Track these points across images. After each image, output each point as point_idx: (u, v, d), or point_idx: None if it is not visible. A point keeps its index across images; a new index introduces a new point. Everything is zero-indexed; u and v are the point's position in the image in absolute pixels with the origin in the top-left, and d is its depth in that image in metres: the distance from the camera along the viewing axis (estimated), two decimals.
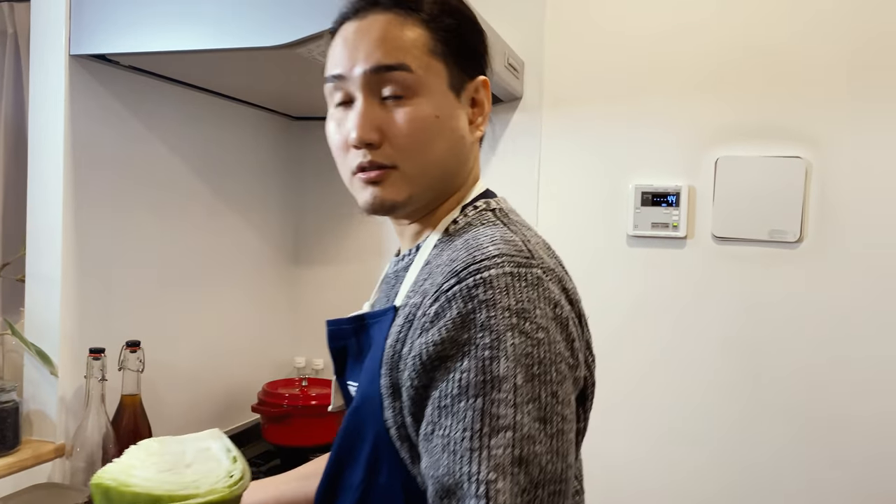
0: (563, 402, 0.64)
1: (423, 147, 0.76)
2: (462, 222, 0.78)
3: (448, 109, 0.77)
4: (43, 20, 1.31)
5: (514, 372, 0.62)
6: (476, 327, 0.64)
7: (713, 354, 1.76)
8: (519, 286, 0.66)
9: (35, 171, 1.34)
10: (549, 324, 0.66)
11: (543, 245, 0.77)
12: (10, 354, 1.40)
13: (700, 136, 1.76)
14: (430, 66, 0.75)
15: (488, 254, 0.67)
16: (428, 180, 0.78)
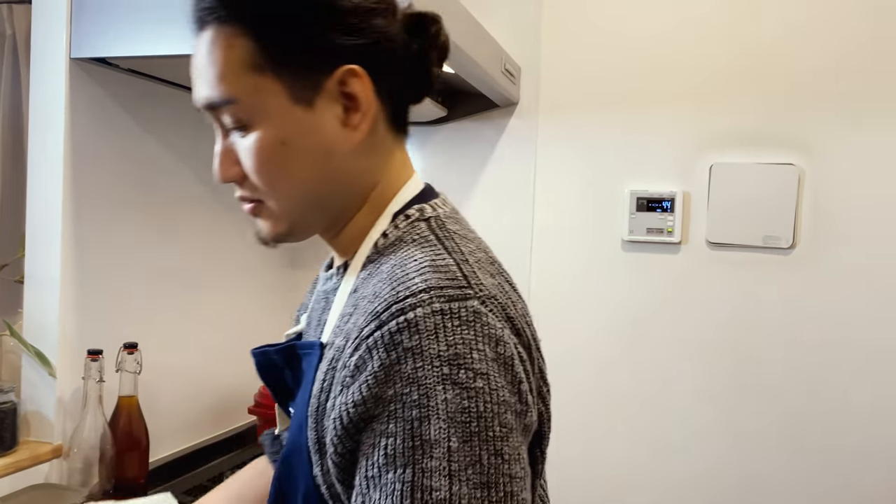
0: (511, 460, 0.55)
1: (276, 180, 0.67)
2: (392, 236, 0.68)
3: (296, 128, 0.65)
4: (44, 24, 1.32)
5: (447, 434, 0.53)
6: (402, 381, 0.55)
7: (706, 359, 1.77)
8: (451, 326, 0.56)
9: (35, 174, 1.34)
10: (490, 367, 0.56)
11: (486, 260, 0.68)
12: (7, 355, 1.41)
13: (695, 142, 1.77)
14: (261, 87, 0.64)
15: (413, 288, 0.58)
16: (303, 208, 0.69)
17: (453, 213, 0.72)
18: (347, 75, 0.65)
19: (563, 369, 1.88)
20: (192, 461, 1.58)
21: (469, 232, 0.71)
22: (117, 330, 1.43)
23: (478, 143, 1.95)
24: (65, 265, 1.33)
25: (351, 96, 0.66)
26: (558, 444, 1.88)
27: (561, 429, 1.87)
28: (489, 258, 0.69)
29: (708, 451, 1.77)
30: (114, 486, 1.33)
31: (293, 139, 0.66)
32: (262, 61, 0.64)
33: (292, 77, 0.64)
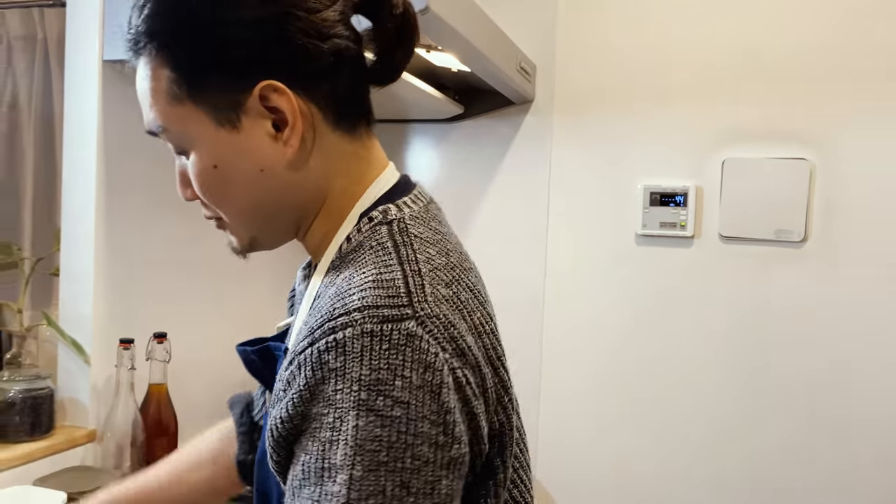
0: (418, 493, 0.53)
1: (219, 202, 0.69)
2: (354, 241, 0.65)
3: (226, 151, 0.65)
4: (78, 28, 1.39)
5: (352, 461, 0.52)
6: (323, 402, 0.54)
7: (719, 351, 1.80)
8: (378, 350, 0.54)
9: (69, 172, 1.41)
10: (412, 396, 0.54)
11: (445, 267, 0.64)
12: (44, 345, 1.47)
13: (708, 137, 1.80)
14: (184, 116, 0.65)
15: (348, 306, 0.56)
16: (255, 222, 0.70)
17: (421, 213, 0.69)
18: (268, 91, 0.63)
19: (576, 361, 1.92)
20: None
21: (435, 233, 0.68)
22: (147, 320, 1.49)
23: (494, 140, 1.99)
24: (98, 259, 1.39)
25: (276, 110, 0.64)
26: (569, 433, 1.92)
27: (573, 418, 1.92)
28: (450, 263, 0.65)
29: (719, 443, 1.81)
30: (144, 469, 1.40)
31: (224, 162, 0.66)
32: (179, 91, 0.64)
33: (211, 102, 0.64)
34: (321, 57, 0.65)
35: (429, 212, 0.71)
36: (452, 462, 0.56)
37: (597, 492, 1.92)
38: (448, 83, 1.86)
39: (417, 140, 2.08)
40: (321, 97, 0.66)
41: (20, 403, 1.30)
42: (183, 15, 0.64)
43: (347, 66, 0.67)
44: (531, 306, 1.95)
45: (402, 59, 0.70)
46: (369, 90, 0.72)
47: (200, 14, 0.64)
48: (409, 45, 0.70)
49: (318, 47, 0.64)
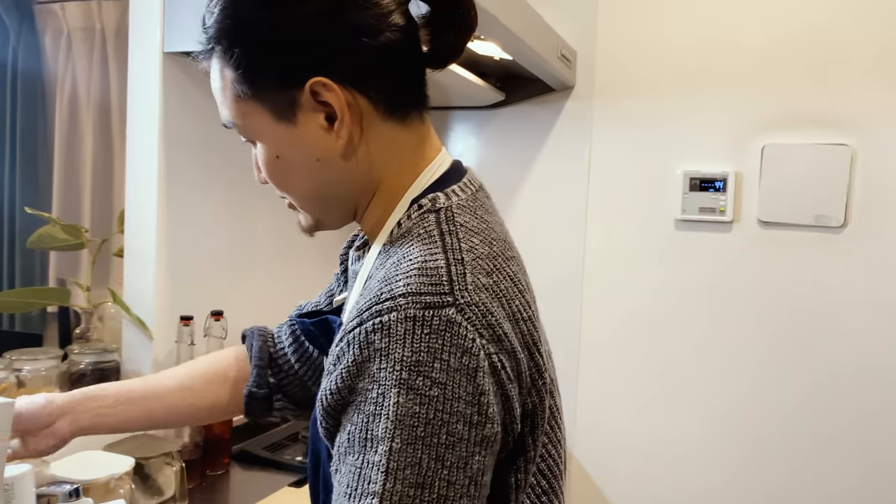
0: (451, 467, 0.58)
1: (285, 188, 0.75)
2: (404, 227, 0.69)
3: (285, 143, 0.71)
4: (140, 21, 1.46)
5: (392, 434, 0.57)
6: (368, 378, 0.60)
7: (757, 335, 1.83)
8: (419, 334, 0.59)
9: (133, 160, 1.49)
10: (451, 378, 0.59)
11: (488, 256, 0.68)
12: (109, 321, 1.57)
13: (747, 123, 1.82)
14: (248, 112, 0.71)
15: (394, 292, 0.61)
16: (318, 206, 0.75)
17: (469, 201, 0.72)
18: (316, 87, 0.67)
19: (614, 344, 1.96)
20: (271, 421, 1.73)
21: (481, 222, 0.71)
22: (205, 299, 1.57)
23: (534, 126, 2.03)
24: (159, 241, 1.47)
25: (328, 105, 0.68)
26: (607, 415, 1.96)
27: (610, 400, 1.96)
28: (492, 253, 0.68)
29: (756, 427, 1.83)
30: (203, 438, 1.48)
31: (285, 153, 0.71)
32: (242, 90, 0.69)
33: (269, 99, 0.69)
34: (370, 53, 0.68)
35: (477, 200, 0.73)
36: (485, 440, 0.60)
37: (634, 472, 1.96)
38: (489, 71, 1.90)
39: (459, 127, 2.13)
40: (371, 89, 0.70)
41: (90, 375, 1.39)
42: (241, 20, 0.69)
43: (398, 57, 0.70)
44: (570, 290, 2.00)
45: (457, 42, 0.72)
46: (424, 75, 0.74)
47: (256, 19, 0.68)
48: (465, 28, 0.72)
49: (367, 44, 0.67)
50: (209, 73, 0.75)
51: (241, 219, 1.70)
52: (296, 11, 0.67)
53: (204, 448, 1.49)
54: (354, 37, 0.67)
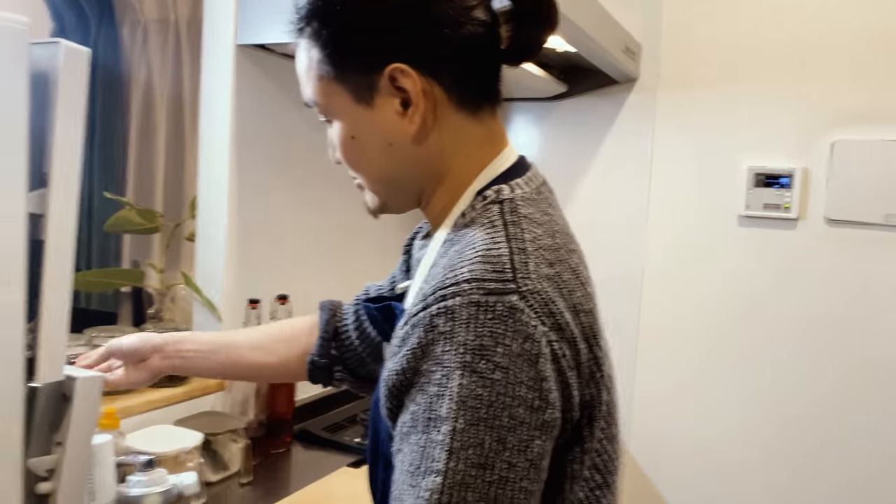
0: (513, 449, 0.59)
1: (357, 167, 0.77)
2: (468, 217, 0.71)
3: (362, 124, 0.73)
4: (214, 14, 1.51)
5: (456, 414, 0.59)
6: (432, 360, 0.61)
7: (822, 335, 1.79)
8: (483, 318, 0.60)
9: (205, 150, 1.55)
10: (512, 362, 0.60)
11: (550, 247, 0.69)
12: (180, 302, 1.64)
13: (816, 118, 1.78)
14: (330, 93, 0.74)
15: (458, 277, 0.62)
16: (386, 188, 0.78)
17: (532, 194, 0.73)
18: (396, 72, 0.69)
19: (672, 339, 1.95)
20: (331, 402, 1.78)
21: (544, 214, 0.72)
22: (271, 283, 1.62)
23: (596, 118, 2.02)
24: (230, 227, 1.53)
25: (404, 90, 0.70)
26: (664, 411, 1.95)
27: (668, 397, 1.95)
28: (555, 245, 0.69)
29: (819, 427, 1.80)
30: (267, 418, 1.54)
31: (360, 134, 0.73)
32: (327, 71, 0.72)
33: (351, 81, 0.72)
34: (450, 44, 0.70)
35: (540, 193, 0.75)
36: (545, 425, 0.61)
37: (689, 469, 1.95)
38: (552, 62, 1.90)
39: (519, 118, 2.14)
40: (446, 79, 0.71)
41: None
42: (332, 3, 0.72)
43: (477, 50, 0.72)
44: (630, 285, 1.99)
45: (538, 39, 0.73)
46: (500, 71, 0.75)
47: (346, 2, 0.71)
48: (546, 25, 0.73)
49: (448, 35, 0.70)
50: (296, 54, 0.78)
51: (307, 208, 1.75)
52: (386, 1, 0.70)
53: (267, 427, 1.54)
54: (437, 27, 0.69)
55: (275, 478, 1.42)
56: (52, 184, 0.55)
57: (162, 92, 2.46)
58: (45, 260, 0.55)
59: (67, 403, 0.58)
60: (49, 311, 0.56)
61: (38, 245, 0.55)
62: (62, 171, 0.56)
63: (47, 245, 0.55)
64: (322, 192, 1.79)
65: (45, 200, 0.55)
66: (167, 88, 2.45)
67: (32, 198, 0.55)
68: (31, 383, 0.56)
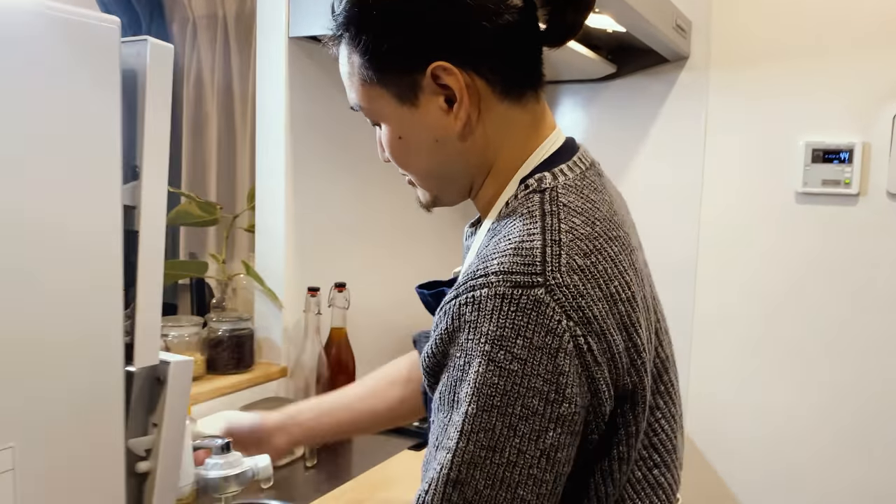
0: (524, 437, 0.62)
1: (406, 166, 0.79)
2: (511, 206, 0.73)
3: (408, 124, 0.75)
4: (267, 7, 1.54)
5: (470, 399, 0.63)
6: (457, 345, 0.65)
7: (884, 313, 1.75)
8: (506, 310, 0.63)
9: (262, 143, 1.57)
10: (532, 355, 0.62)
11: (588, 237, 0.69)
12: (242, 291, 1.68)
13: (875, 91, 1.73)
14: (374, 96, 0.75)
15: (488, 269, 0.65)
16: (436, 184, 0.80)
17: (576, 180, 0.74)
18: (437, 70, 0.71)
19: (729, 320, 1.93)
20: None
21: (586, 201, 0.72)
22: (328, 271, 1.65)
23: (647, 98, 2.00)
24: (288, 217, 1.56)
25: (448, 87, 0.72)
26: (720, 391, 1.93)
27: (724, 377, 1.93)
28: (593, 233, 0.69)
29: (879, 409, 1.76)
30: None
31: (407, 133, 0.75)
32: (369, 75, 0.74)
33: (394, 84, 0.73)
34: (488, 36, 0.71)
35: (585, 178, 0.75)
36: (561, 418, 0.63)
37: (746, 450, 1.93)
38: (601, 43, 1.88)
39: (568, 100, 2.12)
40: (488, 71, 0.73)
41: (227, 341, 1.50)
42: (368, 8, 0.73)
43: (516, 38, 0.73)
44: (685, 265, 1.97)
45: (576, 20, 0.75)
46: (541, 54, 0.77)
47: (382, 7, 0.72)
48: (584, 4, 0.74)
49: (486, 28, 0.71)
50: (338, 59, 0.79)
51: (363, 197, 1.77)
52: (421, 3, 0.71)
53: None
54: (474, 21, 0.71)
55: (337, 462, 1.45)
56: (143, 177, 0.57)
57: (212, 86, 2.51)
58: (139, 250, 0.58)
59: (162, 386, 0.61)
60: (144, 298, 0.58)
61: (132, 236, 0.58)
62: (152, 163, 0.58)
63: (141, 235, 0.58)
64: (377, 181, 1.81)
65: (138, 193, 0.57)
66: (217, 82, 2.50)
67: (126, 190, 0.57)
68: (129, 367, 0.59)
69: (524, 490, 0.63)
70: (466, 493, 0.62)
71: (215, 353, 1.51)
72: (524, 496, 0.63)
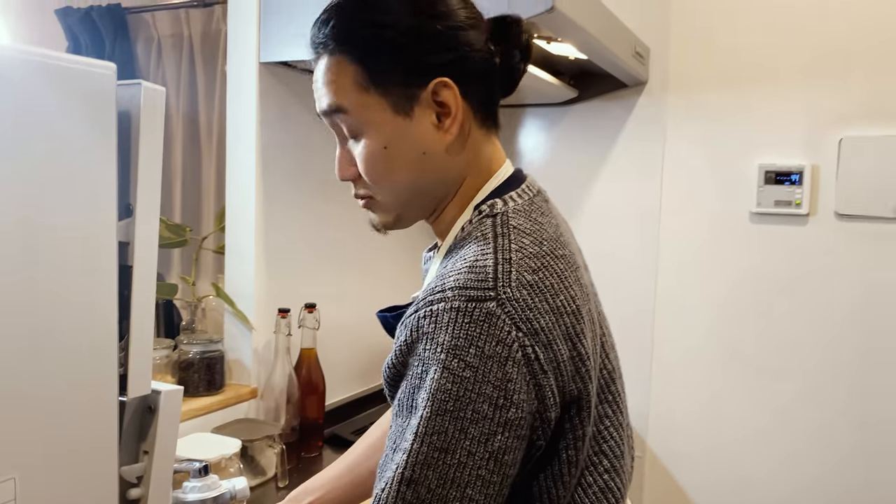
0: (473, 440, 0.67)
1: (382, 179, 0.81)
2: (466, 230, 0.78)
3: (398, 134, 0.78)
4: (238, 33, 1.56)
5: (426, 404, 0.67)
6: (415, 355, 0.70)
7: (834, 329, 1.83)
8: (461, 322, 0.68)
9: (232, 164, 1.59)
10: (483, 363, 0.67)
11: (536, 255, 0.75)
12: (211, 313, 1.69)
13: (823, 116, 1.82)
14: (367, 104, 0.78)
15: (445, 286, 0.70)
16: (404, 201, 0.83)
17: (525, 205, 0.80)
18: (439, 87, 0.77)
19: (687, 337, 1.99)
20: (360, 405, 1.83)
21: (534, 224, 0.78)
22: (298, 292, 1.67)
23: (607, 122, 2.07)
24: (258, 239, 1.58)
25: (443, 104, 0.78)
26: (680, 407, 2.00)
27: (684, 395, 1.99)
28: (541, 252, 0.75)
29: (830, 420, 1.84)
30: (299, 423, 1.59)
31: (394, 143, 0.79)
32: (367, 83, 0.77)
33: (393, 93, 0.77)
34: (477, 64, 0.79)
35: (533, 204, 0.81)
36: (508, 422, 0.68)
37: (706, 462, 1.99)
38: (563, 69, 1.94)
39: (532, 124, 2.18)
40: (474, 97, 0.80)
41: (198, 363, 1.51)
42: (375, 24, 0.78)
43: (492, 75, 0.82)
44: (644, 283, 2.03)
45: (519, 77, 0.85)
46: (500, 98, 0.85)
47: (393, 23, 0.78)
48: (525, 65, 0.84)
49: (475, 56, 0.79)
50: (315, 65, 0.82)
51: (332, 219, 1.80)
52: (429, 24, 0.78)
53: (300, 432, 1.59)
54: (469, 50, 0.79)
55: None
56: (137, 214, 0.60)
57: (178, 106, 2.51)
58: (133, 284, 0.60)
59: (153, 415, 0.63)
60: (137, 330, 0.60)
61: (126, 270, 0.60)
62: (145, 201, 0.60)
63: (134, 270, 0.60)
64: (344, 203, 1.84)
65: (132, 229, 0.60)
66: (183, 102, 2.50)
67: (121, 227, 0.59)
68: (122, 397, 0.61)
69: (472, 490, 0.67)
70: (420, 491, 0.67)
71: (186, 375, 1.51)
72: (472, 495, 0.67)
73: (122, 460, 0.62)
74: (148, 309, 0.62)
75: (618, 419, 0.83)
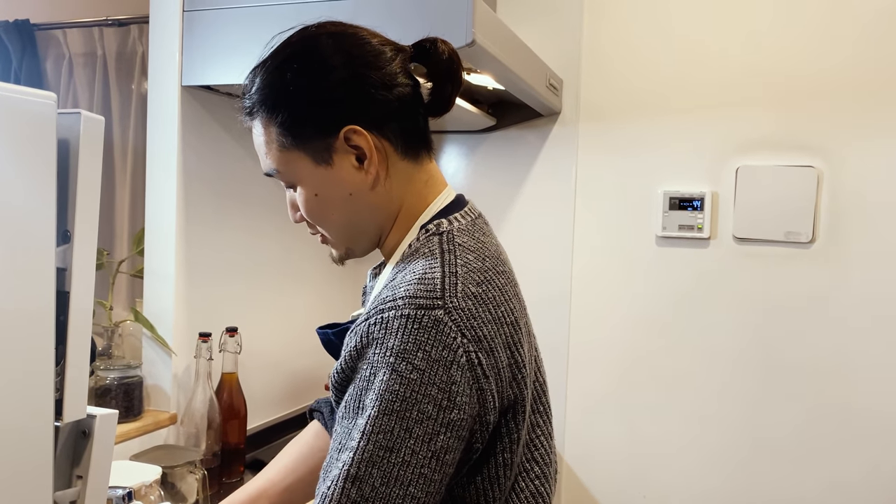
0: (417, 439, 0.70)
1: (322, 222, 0.88)
2: (413, 248, 0.83)
3: (323, 182, 0.84)
4: (160, 56, 1.55)
5: (374, 404, 0.70)
6: (364, 360, 0.73)
7: (733, 343, 1.96)
8: (410, 328, 0.71)
9: (152, 187, 1.58)
10: (429, 366, 0.71)
11: (479, 269, 0.80)
12: (128, 338, 1.65)
13: (723, 146, 1.95)
14: (291, 160, 0.84)
15: (396, 295, 0.74)
16: (349, 236, 0.89)
17: (468, 226, 0.85)
18: (350, 133, 0.81)
19: (600, 352, 2.08)
20: (282, 429, 1.82)
21: (477, 242, 0.84)
22: (219, 316, 1.66)
23: (523, 149, 2.15)
24: (178, 262, 1.56)
25: (357, 147, 0.82)
26: (595, 422, 2.08)
27: (598, 410, 2.08)
28: (484, 267, 0.81)
29: (736, 424, 1.96)
30: (221, 448, 1.57)
31: (323, 190, 0.84)
32: (286, 141, 0.83)
33: (311, 146, 0.83)
34: (388, 103, 0.83)
35: (475, 225, 0.87)
36: (451, 423, 0.72)
37: (622, 474, 2.08)
38: (482, 98, 2.02)
39: (452, 149, 2.24)
40: (390, 133, 0.84)
41: (116, 389, 1.48)
42: (282, 86, 0.83)
43: (409, 106, 0.85)
44: (559, 302, 2.12)
45: (451, 93, 0.87)
46: (428, 122, 0.89)
47: (295, 84, 0.83)
48: (456, 80, 0.87)
49: (385, 96, 0.83)
50: (251, 131, 0.88)
51: (252, 242, 1.79)
52: (327, 78, 0.82)
53: (221, 457, 1.57)
54: (375, 92, 0.82)
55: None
56: (74, 240, 0.61)
57: None
58: (69, 310, 0.61)
59: (87, 439, 0.63)
60: (74, 355, 0.61)
61: (63, 296, 0.61)
62: (83, 228, 0.61)
63: (72, 296, 0.61)
64: (266, 226, 1.84)
65: (69, 255, 0.61)
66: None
67: (58, 253, 0.60)
68: (57, 422, 0.61)
69: (415, 488, 0.70)
70: (364, 489, 0.69)
71: (104, 402, 1.48)
72: (414, 493, 0.70)
73: (55, 485, 0.62)
74: (85, 334, 0.62)
75: (547, 429, 0.89)
